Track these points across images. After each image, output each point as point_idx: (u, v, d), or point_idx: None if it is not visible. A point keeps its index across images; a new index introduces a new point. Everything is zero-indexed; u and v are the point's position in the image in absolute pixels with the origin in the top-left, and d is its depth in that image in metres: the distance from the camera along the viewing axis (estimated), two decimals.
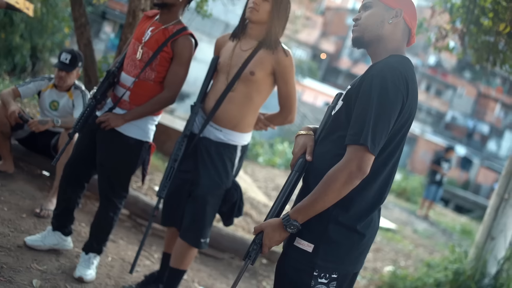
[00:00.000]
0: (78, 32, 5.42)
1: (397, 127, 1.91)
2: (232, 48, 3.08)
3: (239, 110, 3.04)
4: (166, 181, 3.05)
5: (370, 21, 2.01)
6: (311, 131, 2.14)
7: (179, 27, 3.10)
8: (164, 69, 3.10)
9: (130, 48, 3.17)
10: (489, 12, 5.50)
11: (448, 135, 38.38)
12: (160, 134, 6.77)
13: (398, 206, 12.77)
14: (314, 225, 1.96)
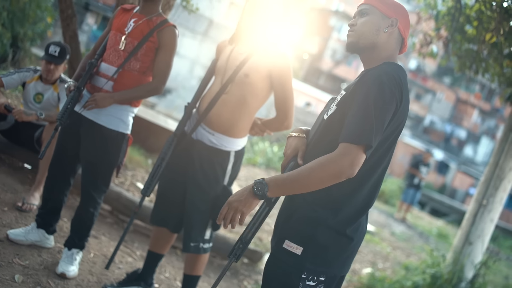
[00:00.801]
0: (64, 24, 5.36)
1: (388, 132, 1.93)
2: (229, 51, 3.05)
3: (232, 113, 2.98)
4: (152, 179, 3.04)
5: (366, 28, 2.03)
6: (303, 134, 2.15)
7: (162, 18, 3.18)
8: (149, 59, 3.15)
9: (111, 39, 3.17)
10: (473, 20, 5.58)
11: (426, 139, 38.80)
12: (143, 130, 6.75)
13: (376, 208, 12.87)
14: (303, 228, 1.97)
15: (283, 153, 2.15)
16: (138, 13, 3.17)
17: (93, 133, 3.14)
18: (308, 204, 1.98)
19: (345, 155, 1.81)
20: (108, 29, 3.29)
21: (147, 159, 6.27)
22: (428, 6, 6.22)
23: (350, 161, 1.80)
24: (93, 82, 3.17)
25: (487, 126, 45.12)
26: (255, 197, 1.91)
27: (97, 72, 3.17)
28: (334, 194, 1.95)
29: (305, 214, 1.98)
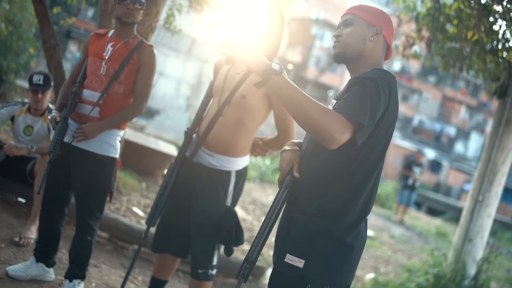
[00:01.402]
0: (47, 54, 5.35)
1: (380, 136, 1.94)
2: (226, 72, 3.01)
3: (230, 134, 2.93)
4: (156, 208, 3.00)
5: (352, 38, 2.04)
6: (296, 146, 2.15)
7: (139, 39, 3.21)
8: (131, 81, 3.18)
9: (91, 65, 3.18)
10: (453, 19, 5.64)
11: (416, 139, 38.98)
12: (134, 154, 6.75)
13: (373, 212, 12.86)
14: (303, 241, 1.97)
15: (278, 168, 2.15)
16: (114, 37, 3.20)
17: (84, 161, 3.14)
18: (307, 216, 1.99)
19: (342, 124, 1.79)
20: (84, 56, 3.29)
21: (141, 183, 6.25)
22: (407, 8, 6.28)
23: (342, 131, 1.79)
24: (77, 110, 3.16)
25: (476, 121, 45.44)
26: (261, 64, 1.89)
27: (81, 99, 3.16)
28: (332, 203, 1.96)
29: (304, 226, 1.99)
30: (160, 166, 7.27)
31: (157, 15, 4.85)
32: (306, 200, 2.02)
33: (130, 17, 3.13)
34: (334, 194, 1.92)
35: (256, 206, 8.62)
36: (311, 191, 2.01)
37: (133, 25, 3.21)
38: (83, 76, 3.21)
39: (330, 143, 1.80)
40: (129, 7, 3.11)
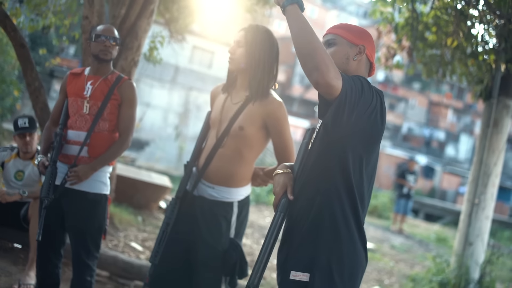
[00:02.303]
0: (33, 97, 5.33)
1: (370, 145, 1.97)
2: (223, 101, 2.96)
3: (230, 166, 2.88)
4: (158, 246, 2.93)
5: (335, 58, 2.06)
6: (289, 169, 2.15)
7: (117, 74, 3.23)
8: (115, 117, 3.19)
9: (72, 106, 3.17)
10: (432, 27, 5.72)
11: (406, 146, 39.12)
12: (128, 188, 6.72)
13: (371, 224, 12.85)
14: (304, 254, 1.98)
15: (272, 192, 2.14)
16: (92, 74, 3.20)
17: (78, 201, 3.12)
18: (305, 234, 1.99)
19: (336, 72, 1.82)
20: (62, 97, 3.27)
21: (136, 217, 6.21)
22: (386, 20, 6.36)
23: (336, 76, 1.81)
24: (65, 152, 3.15)
25: (464, 124, 45.74)
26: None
27: (67, 141, 3.15)
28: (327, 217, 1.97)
29: (303, 240, 1.99)
30: (155, 198, 7.24)
31: (139, 49, 4.87)
32: (303, 219, 2.02)
33: (108, 54, 3.14)
34: (329, 207, 1.95)
35: (254, 229, 8.58)
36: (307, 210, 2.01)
37: (110, 62, 3.22)
38: (65, 117, 3.20)
39: (320, 78, 1.79)
40: (106, 44, 3.12)
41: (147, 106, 17.29)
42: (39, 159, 3.11)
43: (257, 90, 2.84)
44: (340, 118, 1.88)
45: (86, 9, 4.33)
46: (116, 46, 3.18)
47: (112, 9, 4.99)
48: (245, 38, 2.88)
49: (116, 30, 4.64)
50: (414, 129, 44.21)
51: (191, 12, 6.73)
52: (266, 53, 2.85)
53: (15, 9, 5.58)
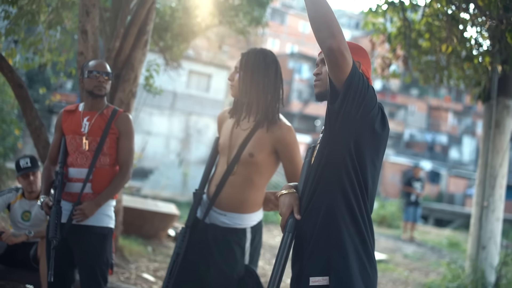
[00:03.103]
0: (34, 136, 5.34)
1: (373, 154, 1.98)
2: (231, 127, 2.93)
3: (241, 193, 2.85)
4: (169, 277, 2.89)
5: None
6: (293, 189, 2.15)
7: (112, 108, 3.25)
8: (114, 150, 3.21)
9: (71, 144, 3.18)
10: (425, 33, 5.74)
11: (410, 153, 39.05)
12: (135, 219, 6.70)
13: (382, 235, 12.78)
14: (319, 259, 1.97)
15: (279, 214, 2.13)
16: (87, 111, 3.21)
17: (85, 236, 3.12)
18: (315, 241, 1.99)
19: (346, 45, 1.88)
20: (58, 135, 3.27)
21: (146, 247, 6.18)
22: (378, 31, 6.39)
23: (346, 48, 1.87)
24: (68, 190, 3.14)
25: (465, 125, 45.73)
26: None
27: (69, 179, 3.15)
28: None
29: (315, 248, 1.99)
30: (163, 226, 7.21)
31: (136, 80, 4.89)
32: (311, 233, 2.02)
33: (102, 89, 3.15)
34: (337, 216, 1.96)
35: (265, 250, 8.53)
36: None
37: (104, 97, 3.22)
38: (64, 155, 3.20)
39: (335, 45, 1.85)
40: (100, 79, 3.13)
41: (148, 134, 17.32)
42: (42, 199, 3.10)
43: (264, 115, 2.82)
44: (349, 105, 1.91)
45: (80, 45, 4.35)
46: (109, 81, 3.20)
47: (107, 43, 5.02)
48: (240, 63, 2.88)
49: (112, 63, 4.72)
50: (416, 135, 44.17)
51: (185, 39, 6.76)
52: (260, 75, 2.82)
53: (10, 49, 5.62)
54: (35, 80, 18.01)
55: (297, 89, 40.17)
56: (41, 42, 5.86)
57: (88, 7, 4.12)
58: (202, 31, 6.83)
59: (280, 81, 2.90)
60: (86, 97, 3.21)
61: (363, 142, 1.97)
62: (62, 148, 3.21)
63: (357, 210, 1.97)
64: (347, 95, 1.91)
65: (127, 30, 4.73)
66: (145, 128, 17.15)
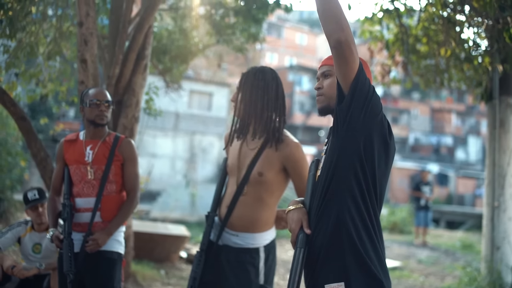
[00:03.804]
0: (40, 167, 5.35)
1: (381, 145, 1.97)
2: (238, 148, 2.92)
3: (252, 212, 2.83)
4: None
5: (333, 89, 2.06)
6: (300, 204, 2.14)
7: (113, 134, 3.24)
8: (120, 177, 3.19)
9: (76, 174, 3.16)
10: (422, 38, 5.75)
11: (416, 157, 38.93)
12: (146, 243, 6.68)
13: (394, 241, 12.70)
14: (332, 266, 1.95)
15: (288, 230, 2.12)
16: (89, 139, 3.19)
17: (95, 261, 3.10)
18: (326, 250, 1.97)
19: (354, 41, 1.91)
20: (60, 165, 3.24)
21: (159, 271, 6.16)
22: (376, 39, 6.40)
23: (353, 42, 1.89)
24: (77, 220, 3.12)
25: (469, 125, 45.61)
26: None
27: (77, 209, 3.13)
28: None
29: (328, 256, 1.97)
30: (175, 249, 7.19)
31: (138, 104, 4.91)
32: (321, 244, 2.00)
33: (104, 118, 3.13)
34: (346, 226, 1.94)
35: (278, 265, 8.46)
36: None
37: (105, 125, 3.20)
38: (69, 186, 3.17)
39: (343, 37, 1.87)
40: (102, 109, 3.11)
41: (153, 157, 17.36)
42: (51, 233, 3.07)
43: (270, 133, 2.81)
44: (357, 103, 1.91)
45: (81, 74, 4.38)
46: (110, 109, 3.18)
47: (106, 70, 5.05)
48: (240, 84, 2.88)
49: (113, 90, 4.74)
50: (421, 138, 44.07)
51: (183, 60, 6.80)
52: (260, 94, 2.82)
53: (11, 82, 5.66)
54: (38, 110, 18.09)
55: (298, 101, 40.23)
56: (41, 73, 5.91)
57: (86, 36, 4.15)
58: (200, 51, 6.87)
59: (282, 97, 2.89)
60: (88, 125, 3.19)
61: (373, 145, 1.96)
62: (67, 179, 3.18)
63: (366, 215, 1.96)
64: (355, 93, 1.91)
65: (126, 56, 4.76)
66: (150, 150, 17.19)
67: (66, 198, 3.12)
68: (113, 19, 5.03)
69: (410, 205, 16.24)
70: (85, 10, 4.11)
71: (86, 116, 3.15)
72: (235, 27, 6.31)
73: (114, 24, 5.00)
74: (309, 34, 47.53)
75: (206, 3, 6.31)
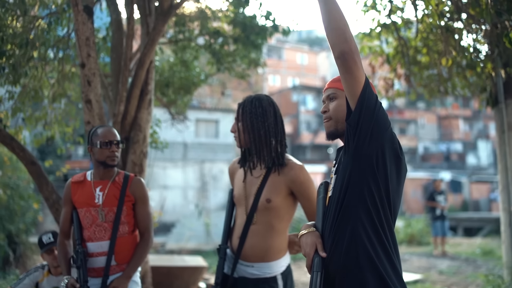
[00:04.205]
0: (53, 210, 5.35)
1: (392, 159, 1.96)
2: (243, 177, 2.92)
3: (265, 241, 2.82)
4: None
5: (339, 113, 2.07)
6: (312, 227, 2.12)
7: (122, 174, 3.15)
8: (132, 217, 3.11)
9: (86, 217, 3.06)
10: (422, 49, 5.76)
11: (427, 166, 38.74)
12: (164, 277, 6.64)
13: (413, 254, 12.57)
14: (351, 283, 1.93)
15: (302, 254, 2.10)
16: (98, 180, 3.09)
17: None
18: (344, 266, 1.96)
19: (358, 53, 1.92)
20: (68, 208, 3.15)
21: None
22: (376, 54, 6.42)
23: (358, 53, 1.91)
24: (91, 265, 3.04)
25: (477, 130, 45.42)
26: None
27: (89, 254, 3.04)
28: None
29: (346, 274, 1.95)
30: (193, 281, 7.14)
31: (145, 140, 4.93)
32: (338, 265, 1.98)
33: (115, 159, 3.07)
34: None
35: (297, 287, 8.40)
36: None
37: (116, 165, 3.13)
38: (79, 230, 3.08)
39: (348, 49, 1.89)
40: (113, 149, 3.05)
41: (165, 189, 17.38)
42: (66, 281, 2.99)
43: (273, 159, 2.83)
44: (366, 115, 1.91)
45: (86, 114, 4.41)
46: (120, 149, 3.11)
47: (111, 108, 5.08)
48: (238, 113, 2.91)
49: (119, 127, 4.76)
50: (430, 147, 43.89)
51: (187, 91, 6.84)
52: (259, 121, 2.84)
53: (18, 127, 5.70)
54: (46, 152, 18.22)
55: (304, 120, 40.28)
56: (46, 116, 5.95)
57: (89, 77, 4.18)
58: (203, 81, 6.91)
59: (281, 122, 2.91)
60: (97, 166, 3.09)
61: (385, 160, 1.95)
62: (76, 223, 3.09)
63: (381, 230, 1.94)
64: (363, 107, 1.92)
65: (129, 93, 4.79)
66: (161, 183, 17.21)
67: (78, 244, 3.03)
68: (114, 57, 5.08)
69: (425, 215, 16.10)
70: (86, 51, 4.15)
71: (95, 156, 3.07)
72: (235, 54, 6.36)
73: (116, 62, 5.04)
74: (309, 53, 47.81)
75: (205, 33, 6.37)
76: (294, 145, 40.13)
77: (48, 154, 17.88)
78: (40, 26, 5.00)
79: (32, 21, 4.90)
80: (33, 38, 4.85)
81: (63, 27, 5.34)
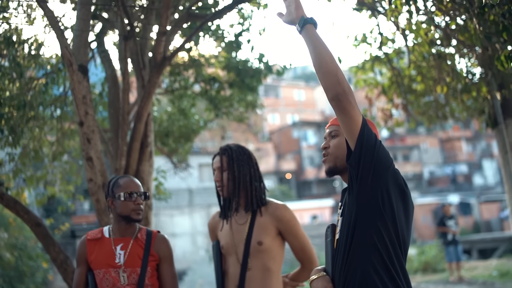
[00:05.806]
0: (61, 270, 5.29)
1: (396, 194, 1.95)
2: (228, 227, 2.91)
3: (263, 286, 2.80)
4: None
5: (340, 150, 2.09)
6: (322, 272, 2.10)
7: (145, 230, 2.86)
8: (156, 278, 2.80)
9: (106, 279, 2.71)
10: (416, 77, 5.80)
11: (434, 190, 38.53)
12: None
13: (430, 282, 12.36)
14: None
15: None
16: (118, 237, 2.79)
17: None
18: None
19: (351, 92, 1.93)
20: (83, 269, 2.78)
21: None
22: (371, 86, 6.47)
23: (351, 94, 1.92)
24: None
25: (481, 149, 45.34)
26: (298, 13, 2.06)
27: None
28: None
29: None
30: None
31: (149, 192, 4.91)
32: None
33: (141, 213, 2.78)
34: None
35: None
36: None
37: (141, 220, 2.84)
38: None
39: (341, 91, 1.90)
40: (138, 202, 2.76)
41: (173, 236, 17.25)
42: None
43: (258, 202, 2.88)
44: (367, 154, 1.92)
45: (88, 172, 4.40)
46: (144, 201, 2.84)
47: (113, 163, 5.08)
48: (223, 163, 2.92)
49: None
50: (435, 171, 43.75)
51: (187, 139, 6.87)
52: (246, 167, 2.90)
53: (19, 188, 5.70)
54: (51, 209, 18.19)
55: (307, 156, 40.29)
56: (46, 178, 5.95)
57: (88, 135, 4.19)
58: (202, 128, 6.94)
59: (257, 164, 2.98)
60: (118, 221, 2.78)
61: (390, 197, 1.94)
62: (92, 286, 2.73)
63: (391, 267, 1.92)
64: (363, 146, 1.92)
65: (130, 147, 4.80)
66: (168, 231, 17.11)
67: None
68: (112, 112, 5.11)
69: (437, 241, 15.93)
70: (83, 109, 4.17)
71: (118, 210, 2.75)
72: (231, 99, 6.41)
73: (114, 117, 5.07)
74: (306, 89, 48.17)
75: (200, 80, 6.44)
76: (299, 181, 40.03)
77: (53, 212, 17.84)
78: (37, 87, 5.05)
79: (29, 83, 4.95)
80: (31, 99, 4.89)
81: (59, 86, 5.40)
